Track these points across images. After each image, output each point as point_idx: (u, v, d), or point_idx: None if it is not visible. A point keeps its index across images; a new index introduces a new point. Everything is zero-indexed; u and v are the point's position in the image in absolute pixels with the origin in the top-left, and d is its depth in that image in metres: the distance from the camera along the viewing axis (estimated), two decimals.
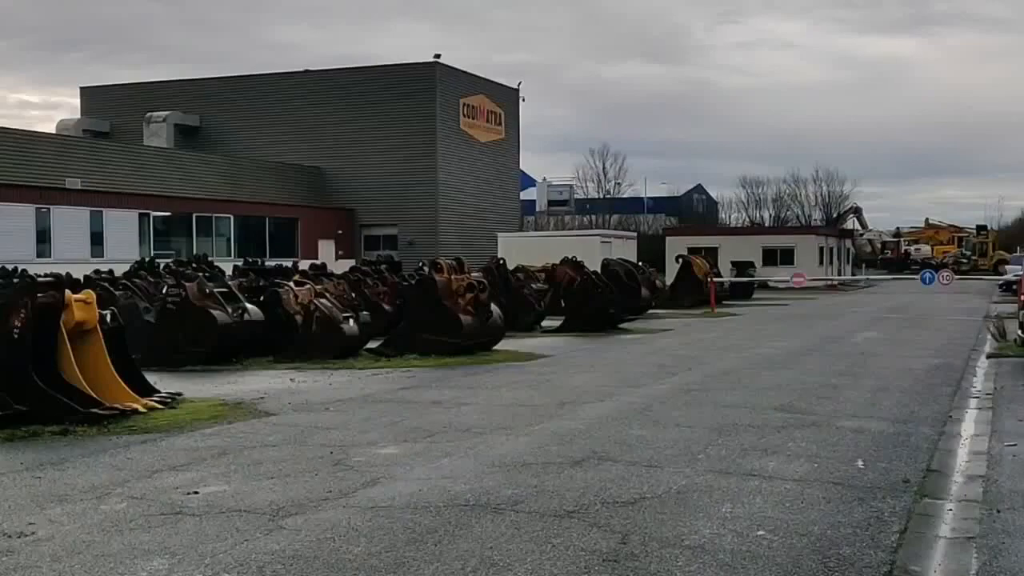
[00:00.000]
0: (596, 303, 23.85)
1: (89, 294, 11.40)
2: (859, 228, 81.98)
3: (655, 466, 8.28)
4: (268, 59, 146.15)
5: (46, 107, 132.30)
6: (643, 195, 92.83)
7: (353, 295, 19.29)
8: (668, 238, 56.53)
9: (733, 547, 6.04)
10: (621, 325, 24.45)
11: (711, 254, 44.06)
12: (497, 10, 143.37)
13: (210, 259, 25.00)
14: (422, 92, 55.42)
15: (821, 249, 56.49)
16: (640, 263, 34.04)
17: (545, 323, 24.13)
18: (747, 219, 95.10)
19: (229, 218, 47.39)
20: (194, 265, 21.62)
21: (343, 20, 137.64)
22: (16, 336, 10.29)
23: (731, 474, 8.02)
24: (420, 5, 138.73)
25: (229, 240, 47.10)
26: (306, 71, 58.47)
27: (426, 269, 18.51)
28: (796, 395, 12.74)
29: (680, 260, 38.14)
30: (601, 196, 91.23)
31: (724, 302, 36.34)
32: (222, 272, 21.39)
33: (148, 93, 58.85)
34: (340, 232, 53.58)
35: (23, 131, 45.68)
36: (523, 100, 64.33)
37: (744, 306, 35.99)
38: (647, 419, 10.81)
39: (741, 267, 45.10)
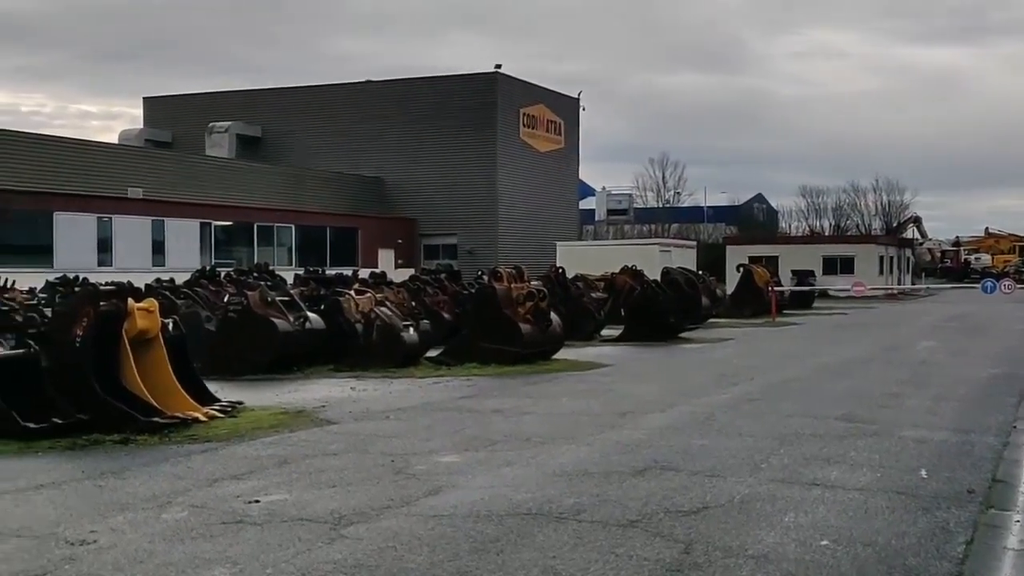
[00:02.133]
0: (656, 312, 23.69)
1: (151, 302, 11.45)
2: (919, 237, 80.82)
3: (717, 475, 8.16)
4: (327, 70, 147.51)
5: (106, 117, 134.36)
6: (703, 204, 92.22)
7: (413, 304, 19.30)
8: (728, 247, 56.10)
9: (797, 556, 5.93)
10: (681, 334, 24.26)
11: (771, 263, 43.53)
12: (553, 21, 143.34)
13: (271, 268, 25.13)
14: (482, 102, 55.58)
15: (881, 258, 55.77)
16: (700, 272, 33.76)
17: (605, 332, 24.01)
18: (807, 228, 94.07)
19: (290, 227, 47.79)
20: (255, 274, 21.75)
21: (401, 32, 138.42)
22: (78, 345, 10.38)
23: (794, 483, 7.89)
24: (477, 16, 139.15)
25: (290, 249, 47.50)
26: (367, 81, 58.86)
27: (486, 278, 18.47)
28: (857, 404, 12.54)
29: (741, 269, 37.80)
30: (660, 205, 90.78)
31: (784, 311, 35.95)
32: (283, 281, 21.51)
33: (210, 103, 59.53)
34: (400, 241, 53.81)
35: (86, 141, 46.44)
36: (583, 109, 64.35)
37: (804, 315, 35.59)
38: (709, 428, 10.68)
39: (801, 276, 44.61)
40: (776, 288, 35.94)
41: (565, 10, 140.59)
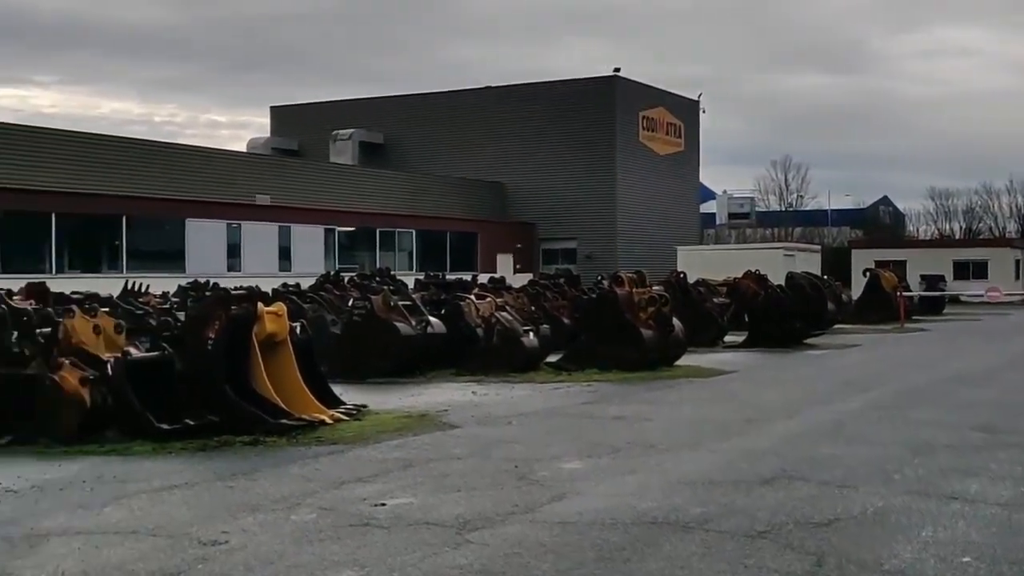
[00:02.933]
0: (780, 317, 23.30)
1: (280, 306, 11.65)
2: None
3: (848, 486, 7.94)
4: (445, 77, 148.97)
5: (234, 126, 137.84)
6: (826, 207, 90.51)
7: (533, 309, 19.31)
8: (854, 251, 54.90)
9: (937, 573, 5.72)
10: (806, 340, 23.80)
11: (899, 267, 42.53)
12: (670, 23, 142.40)
13: (392, 272, 25.41)
14: (601, 105, 55.46)
15: (1017, 262, 53.93)
16: (825, 276, 33.10)
17: (728, 338, 23.69)
18: (936, 232, 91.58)
19: (411, 232, 48.32)
20: (377, 279, 21.99)
21: (516, 37, 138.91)
22: (210, 348, 10.60)
23: (930, 496, 7.63)
24: (592, 20, 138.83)
25: (411, 254, 48.03)
26: (487, 87, 59.21)
27: (606, 282, 18.39)
28: (995, 413, 12.12)
29: (867, 274, 36.96)
30: (783, 208, 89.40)
31: (913, 317, 35.05)
32: (404, 285, 21.72)
33: (334, 112, 60.55)
34: (519, 246, 53.98)
35: (216, 150, 47.68)
36: (703, 111, 63.71)
37: (934, 321, 34.66)
38: (837, 437, 10.43)
39: (931, 281, 43.48)
40: (904, 293, 35.07)
41: (681, 13, 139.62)
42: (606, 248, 54.19)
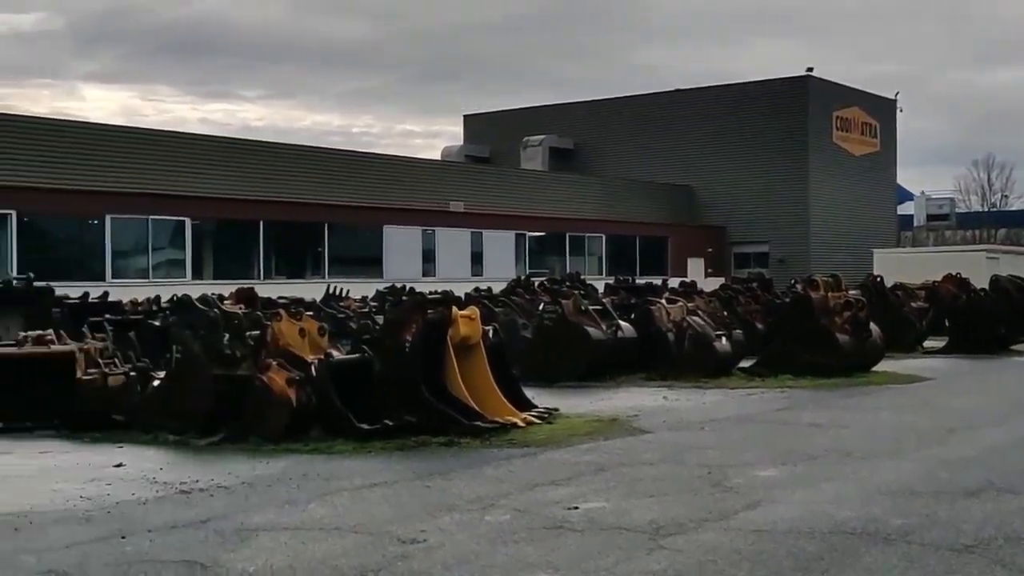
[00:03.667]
0: (984, 322, 22.37)
1: (473, 310, 11.87)
2: None
3: None
4: (632, 81, 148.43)
5: (427, 135, 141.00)
6: None
7: (725, 313, 19.07)
8: None
9: None
10: (1012, 347, 22.77)
11: None
12: (861, 21, 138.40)
13: (582, 277, 25.54)
14: (792, 106, 54.42)
15: None
16: None
17: (927, 343, 22.90)
18: None
19: (601, 237, 48.43)
20: (568, 283, 22.12)
21: (700, 39, 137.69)
22: (408, 350, 10.88)
23: None
24: (779, 20, 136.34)
25: (600, 258, 48.15)
26: (676, 90, 58.82)
27: (799, 286, 18.03)
28: None
29: None
30: (985, 209, 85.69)
31: None
32: (595, 290, 21.79)
33: (524, 118, 61.21)
34: (710, 250, 53.43)
35: (411, 158, 48.87)
36: (900, 111, 61.72)
37: None
38: None
39: None
40: None
41: (872, 10, 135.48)
42: (799, 251, 53.10)
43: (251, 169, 37.89)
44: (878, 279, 24.36)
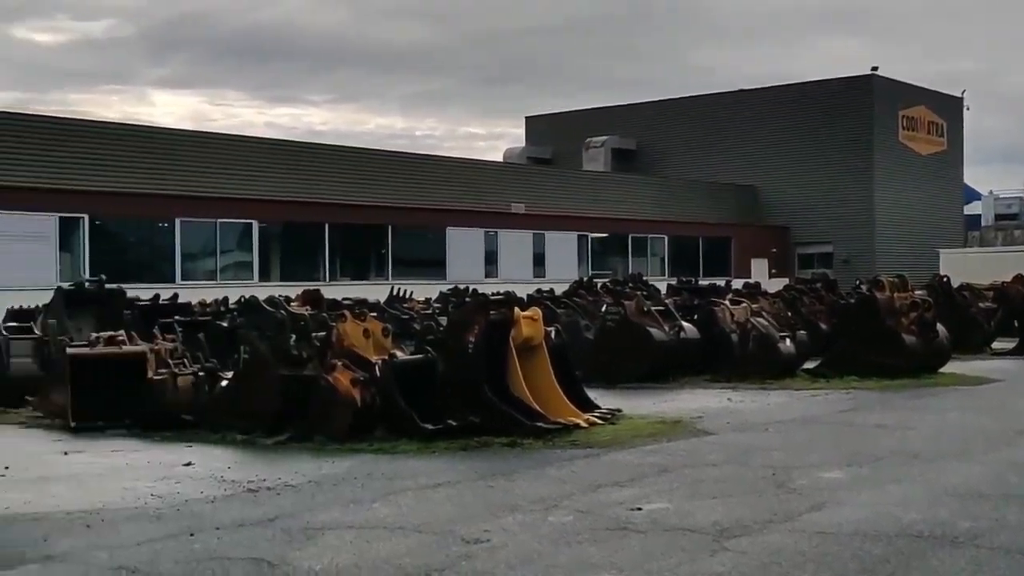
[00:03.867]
0: None
1: (535, 311, 11.91)
2: None
3: None
4: (694, 81, 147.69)
5: (490, 138, 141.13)
6: None
7: (789, 314, 18.93)
8: None
9: None
10: None
11: None
12: (928, 19, 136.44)
13: (645, 278, 25.46)
14: (857, 105, 53.77)
15: None
16: None
17: (995, 344, 22.55)
18: None
19: (663, 238, 48.21)
20: (630, 284, 22.08)
21: (763, 40, 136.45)
22: (470, 351, 10.95)
23: None
24: (844, 19, 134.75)
25: (662, 259, 47.92)
26: (740, 90, 58.40)
27: (864, 287, 17.86)
28: None
29: None
30: None
31: None
32: (657, 291, 21.73)
33: (586, 120, 61.06)
34: (774, 250, 52.97)
35: (474, 160, 49.04)
36: (967, 109, 60.74)
37: None
38: None
39: None
40: None
41: (938, 7, 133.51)
42: (864, 251, 52.47)
43: (316, 172, 38.25)
44: (945, 279, 24.04)
